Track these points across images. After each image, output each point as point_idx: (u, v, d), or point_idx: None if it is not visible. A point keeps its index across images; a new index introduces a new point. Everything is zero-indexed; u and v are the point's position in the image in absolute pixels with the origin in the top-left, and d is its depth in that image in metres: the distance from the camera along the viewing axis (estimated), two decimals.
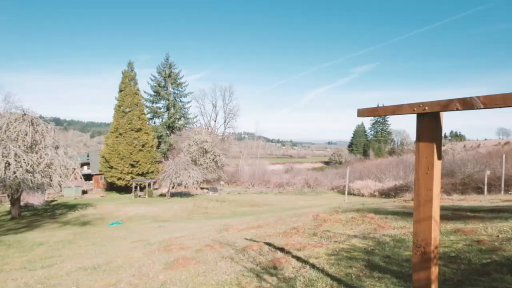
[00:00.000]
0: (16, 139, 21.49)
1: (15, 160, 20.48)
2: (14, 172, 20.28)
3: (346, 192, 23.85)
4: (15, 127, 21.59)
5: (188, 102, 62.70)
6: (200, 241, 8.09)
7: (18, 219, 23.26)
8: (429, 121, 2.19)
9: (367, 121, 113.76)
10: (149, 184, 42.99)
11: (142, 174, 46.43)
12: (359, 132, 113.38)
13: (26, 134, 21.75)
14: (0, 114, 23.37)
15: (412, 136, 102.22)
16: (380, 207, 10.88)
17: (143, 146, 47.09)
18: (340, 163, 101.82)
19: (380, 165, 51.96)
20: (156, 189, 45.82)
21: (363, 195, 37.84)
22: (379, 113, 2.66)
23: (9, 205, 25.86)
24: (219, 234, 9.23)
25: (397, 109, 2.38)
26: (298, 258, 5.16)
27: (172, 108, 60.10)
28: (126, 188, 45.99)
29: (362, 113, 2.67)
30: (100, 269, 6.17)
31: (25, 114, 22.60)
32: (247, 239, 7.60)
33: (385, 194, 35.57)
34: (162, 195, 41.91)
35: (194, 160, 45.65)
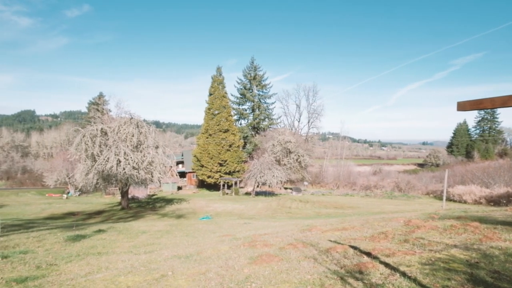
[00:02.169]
0: (125, 139, 24.65)
1: (124, 158, 23.50)
2: (124, 168, 23.29)
3: (444, 198, 21.44)
4: (124, 129, 24.78)
5: (272, 103, 63.89)
6: (283, 240, 8.16)
7: (127, 210, 26.64)
8: None
9: (471, 119, 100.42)
10: (235, 183, 45.06)
11: (229, 173, 48.85)
12: (460, 131, 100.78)
13: (133, 135, 24.79)
14: (113, 118, 27.15)
15: None
16: (487, 216, 9.52)
17: (230, 146, 49.53)
18: (437, 165, 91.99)
19: (488, 168, 45.37)
20: (242, 187, 47.78)
21: (465, 202, 33.59)
22: (485, 105, 2.28)
23: (120, 197, 29.73)
24: (302, 234, 9.17)
25: (510, 100, 2.01)
26: (387, 265, 4.83)
27: (257, 110, 61.92)
28: (215, 185, 48.96)
29: (462, 106, 2.35)
30: (192, 258, 6.67)
31: (132, 118, 25.77)
32: (331, 240, 7.41)
33: (494, 201, 30.94)
34: (247, 193, 43.48)
35: (278, 160, 46.29)
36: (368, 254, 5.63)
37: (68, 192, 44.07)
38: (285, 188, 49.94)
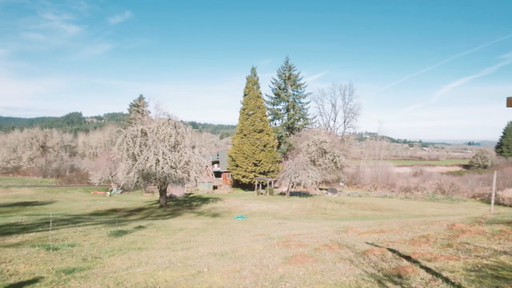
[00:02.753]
0: (163, 140, 25.53)
1: (163, 158, 24.33)
2: (162, 168, 24.12)
3: (493, 201, 19.99)
4: (163, 129, 25.66)
5: (307, 102, 63.17)
6: (318, 241, 8.05)
7: (165, 207, 27.55)
8: None
9: None
10: (270, 183, 45.10)
11: (264, 173, 48.97)
12: (511, 129, 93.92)
13: (171, 136, 25.62)
14: (152, 119, 28.22)
15: None
16: None
17: (264, 146, 49.65)
18: (485, 167, 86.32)
19: None
20: (276, 187, 47.72)
21: None
22: None
23: (158, 196, 30.81)
24: (337, 235, 9.00)
25: None
26: (428, 270, 4.61)
27: (291, 109, 61.54)
28: (250, 185, 49.29)
29: None
30: (227, 256, 6.77)
31: (170, 119, 26.63)
32: (367, 243, 7.20)
33: None
34: (282, 193, 43.36)
35: (313, 161, 45.73)
36: (408, 258, 5.41)
37: (111, 190, 46.40)
38: (320, 189, 49.20)
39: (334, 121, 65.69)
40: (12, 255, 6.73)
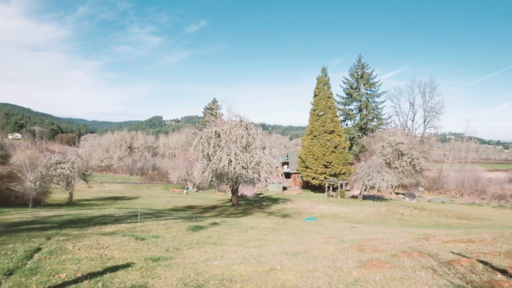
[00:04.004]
0: (235, 141, 26.50)
1: (235, 158, 25.26)
2: (234, 168, 25.04)
3: None
4: (235, 131, 26.66)
5: (382, 102, 59.82)
6: (396, 247, 7.60)
7: (236, 206, 28.54)
8: None
9: None
10: (341, 185, 43.79)
11: (335, 175, 47.72)
12: None
13: (242, 137, 26.48)
14: (225, 121, 29.49)
15: None
16: None
17: (335, 147, 48.38)
18: None
19: None
20: (348, 190, 46.11)
21: None
22: None
23: (230, 195, 32.04)
24: (417, 242, 8.38)
25: None
26: None
27: (364, 109, 58.93)
28: (320, 187, 48.44)
29: None
30: (299, 256, 6.78)
31: (241, 121, 27.55)
32: (453, 252, 6.58)
33: None
34: (353, 196, 41.78)
35: (388, 163, 43.19)
36: (503, 271, 4.82)
37: (188, 188, 49.59)
38: (396, 193, 46.21)
39: (413, 121, 61.05)
40: (108, 242, 7.62)
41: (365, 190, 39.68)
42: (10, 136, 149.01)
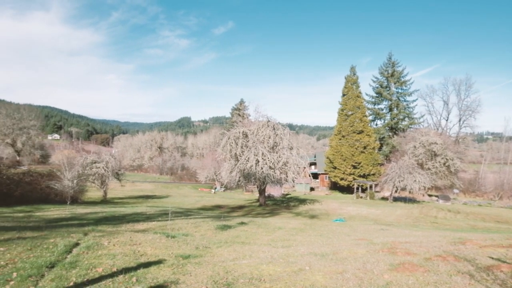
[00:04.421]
0: (262, 141, 26.57)
1: (262, 158, 25.33)
2: (261, 168, 25.11)
3: None
4: (262, 131, 26.73)
5: (413, 101, 57.70)
6: (429, 250, 7.34)
7: (264, 206, 28.59)
8: None
9: None
10: (370, 186, 42.78)
11: (364, 176, 46.67)
12: None
13: (269, 137, 26.50)
14: (252, 121, 29.66)
15: None
16: None
17: (364, 148, 47.32)
18: None
19: None
20: (377, 191, 44.95)
21: None
22: None
23: (258, 195, 32.14)
24: (452, 246, 8.05)
25: None
26: None
27: (395, 109, 57.17)
28: (348, 188, 47.53)
29: None
30: (328, 257, 6.71)
31: (268, 121, 27.58)
32: (492, 258, 6.27)
33: None
34: (383, 198, 40.68)
35: (420, 164, 41.67)
36: None
37: (215, 188, 50.26)
38: (429, 195, 44.48)
39: (447, 120, 58.54)
40: (141, 239, 7.89)
41: (395, 191, 38.50)
42: (49, 137, 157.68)
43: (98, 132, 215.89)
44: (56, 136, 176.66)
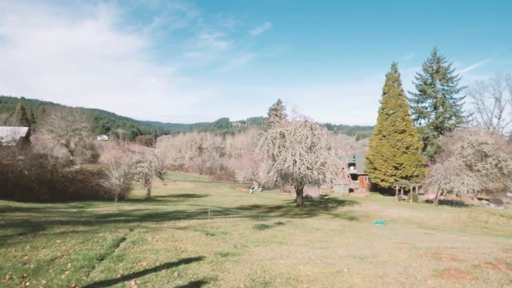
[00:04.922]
0: (300, 141, 26.41)
1: (300, 159, 25.18)
2: (299, 168, 24.98)
3: None
4: (299, 131, 26.58)
5: (461, 98, 54.36)
6: (478, 257, 6.93)
7: (301, 207, 28.41)
8: None
9: None
10: (413, 188, 40.94)
11: (406, 177, 44.77)
12: None
13: (307, 137, 26.29)
14: (289, 122, 29.59)
15: None
16: None
17: (407, 148, 45.39)
18: None
19: None
20: (421, 194, 42.91)
21: None
22: None
23: (295, 195, 32.00)
24: (505, 253, 7.53)
25: None
26: None
27: (440, 107, 54.21)
28: (389, 190, 45.83)
29: None
30: (367, 260, 6.57)
31: (306, 121, 27.37)
32: None
33: None
34: (428, 201, 38.76)
35: (468, 165, 39.17)
36: None
37: (253, 188, 50.70)
38: (479, 199, 41.70)
39: (499, 119, 54.52)
40: (182, 236, 8.21)
41: (441, 194, 36.53)
42: (98, 138, 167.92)
43: (142, 133, 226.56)
44: (105, 137, 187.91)
